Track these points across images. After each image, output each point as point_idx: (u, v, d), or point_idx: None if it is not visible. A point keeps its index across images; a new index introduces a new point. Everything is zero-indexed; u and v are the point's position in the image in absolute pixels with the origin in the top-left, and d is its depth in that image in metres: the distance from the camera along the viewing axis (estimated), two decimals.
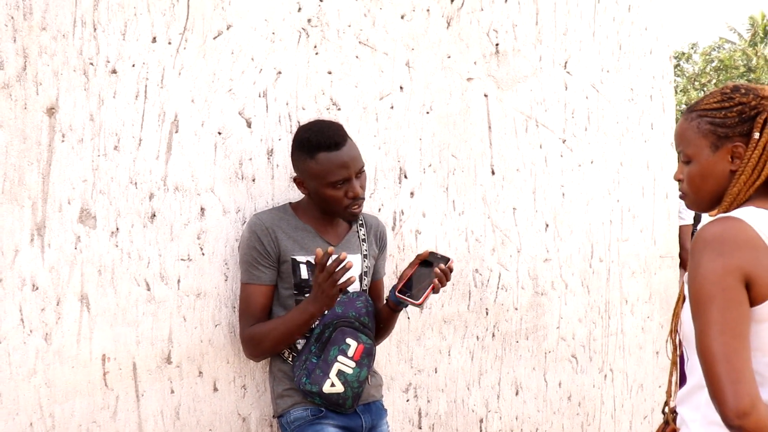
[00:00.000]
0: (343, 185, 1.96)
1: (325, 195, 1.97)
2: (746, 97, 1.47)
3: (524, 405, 2.99)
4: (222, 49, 2.10)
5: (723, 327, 1.28)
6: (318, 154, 1.94)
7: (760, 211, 1.39)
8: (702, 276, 1.32)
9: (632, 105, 3.49)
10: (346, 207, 1.99)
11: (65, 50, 1.83)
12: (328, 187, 1.96)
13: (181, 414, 2.03)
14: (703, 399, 1.43)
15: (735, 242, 1.33)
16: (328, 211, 2.03)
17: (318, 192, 1.98)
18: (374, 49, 2.46)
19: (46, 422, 1.82)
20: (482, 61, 2.80)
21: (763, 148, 1.43)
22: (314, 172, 1.95)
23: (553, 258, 3.09)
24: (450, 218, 2.69)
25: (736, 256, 1.31)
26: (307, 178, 1.99)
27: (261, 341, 1.98)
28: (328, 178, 1.94)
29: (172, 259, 2.01)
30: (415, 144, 2.58)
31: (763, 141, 1.43)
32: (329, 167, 1.94)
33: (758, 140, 1.44)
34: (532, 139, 2.99)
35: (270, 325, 1.99)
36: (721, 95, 1.51)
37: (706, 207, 1.55)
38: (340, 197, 1.97)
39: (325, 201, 1.98)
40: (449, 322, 2.70)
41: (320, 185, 1.96)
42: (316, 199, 2.01)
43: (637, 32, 3.53)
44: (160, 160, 1.99)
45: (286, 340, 1.99)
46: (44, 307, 1.81)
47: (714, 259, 1.32)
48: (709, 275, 1.31)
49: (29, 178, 1.78)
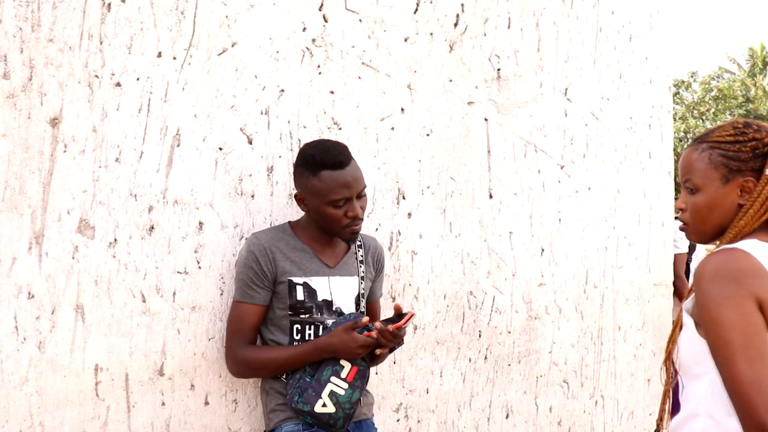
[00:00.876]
0: (343, 205, 1.98)
1: (325, 213, 1.98)
2: (759, 134, 1.52)
3: (514, 429, 2.98)
4: (226, 65, 2.12)
5: (750, 353, 1.30)
6: (321, 171, 1.96)
7: (762, 244, 1.44)
8: (717, 304, 1.34)
9: (631, 133, 3.52)
10: (345, 226, 2.00)
11: (71, 62, 1.85)
12: (328, 205, 1.97)
13: (171, 427, 2.04)
14: (698, 427, 1.45)
15: (743, 270, 1.37)
16: (327, 230, 2.04)
17: (318, 210, 1.99)
18: (377, 70, 2.48)
19: (36, 431, 1.82)
20: (483, 86, 2.83)
21: None
22: (316, 190, 1.97)
23: (548, 283, 3.10)
24: (446, 240, 2.71)
25: (748, 283, 1.35)
26: (308, 195, 2.00)
27: (259, 368, 2.00)
28: (329, 197, 1.96)
29: (169, 271, 2.02)
30: (415, 165, 2.60)
31: None
32: (331, 186, 1.95)
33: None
34: (530, 164, 3.02)
35: (271, 353, 2.00)
36: (734, 129, 1.55)
37: (708, 238, 1.58)
38: (340, 216, 1.98)
39: (324, 219, 2.00)
40: (442, 344, 2.70)
41: (321, 203, 1.97)
42: (315, 216, 2.02)
43: (637, 62, 3.56)
44: (161, 173, 2.01)
45: (285, 371, 2.01)
46: (39, 315, 1.82)
47: (727, 286, 1.35)
48: (724, 302, 1.34)
49: (30, 187, 1.80)
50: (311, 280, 2.03)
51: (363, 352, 1.93)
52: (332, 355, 1.96)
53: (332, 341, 1.94)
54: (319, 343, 1.96)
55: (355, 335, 1.92)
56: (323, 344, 1.95)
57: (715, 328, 1.35)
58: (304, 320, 2.02)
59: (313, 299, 2.02)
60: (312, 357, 1.97)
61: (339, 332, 1.93)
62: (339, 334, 1.93)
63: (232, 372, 2.04)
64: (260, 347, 2.02)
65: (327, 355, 1.96)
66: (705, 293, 1.38)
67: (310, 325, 2.02)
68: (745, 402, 1.30)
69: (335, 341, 1.94)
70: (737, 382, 1.31)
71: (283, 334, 2.03)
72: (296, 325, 2.02)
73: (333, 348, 1.95)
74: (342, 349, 1.93)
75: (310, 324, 2.02)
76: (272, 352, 2.00)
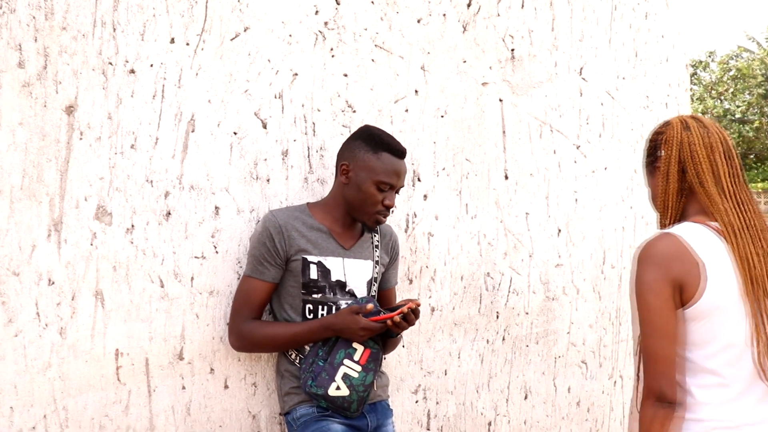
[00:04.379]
0: (386, 191, 2.05)
1: (367, 191, 2.03)
2: (662, 128, 1.75)
3: (533, 409, 2.99)
4: (239, 50, 2.12)
5: (662, 332, 1.54)
6: (383, 152, 2.04)
7: (697, 226, 1.60)
8: (642, 286, 1.56)
9: (647, 112, 3.49)
10: (376, 212, 2.06)
11: (85, 50, 1.86)
12: (374, 185, 2.03)
13: (192, 410, 2.06)
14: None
15: (666, 255, 1.55)
16: (355, 209, 2.06)
17: (362, 185, 2.03)
18: (390, 52, 2.47)
19: (60, 415, 1.85)
20: (497, 66, 2.81)
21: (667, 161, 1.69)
22: (370, 166, 2.03)
23: (565, 263, 3.09)
24: (463, 222, 2.70)
25: (669, 267, 1.54)
26: (358, 168, 2.04)
27: (262, 343, 2.01)
28: (380, 177, 2.02)
29: (186, 256, 2.03)
30: (429, 147, 2.59)
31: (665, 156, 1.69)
32: (387, 168, 2.03)
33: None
34: (546, 145, 3.00)
35: (276, 329, 2.01)
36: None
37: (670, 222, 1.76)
38: (377, 200, 2.04)
39: (361, 196, 2.04)
40: (460, 325, 2.71)
41: (368, 179, 2.03)
42: (352, 192, 2.05)
43: (653, 40, 3.53)
44: (176, 159, 2.02)
45: (289, 347, 2.03)
46: (60, 301, 1.84)
47: (652, 270, 1.55)
48: (648, 285, 1.55)
49: (47, 175, 1.81)
50: (326, 259, 2.04)
51: (365, 334, 1.95)
52: (336, 334, 1.98)
53: (336, 321, 1.96)
54: (324, 322, 1.98)
55: (359, 318, 1.93)
56: (328, 323, 1.98)
57: (640, 307, 1.57)
58: (317, 300, 2.03)
59: (326, 279, 2.03)
60: (316, 335, 1.99)
61: (344, 313, 1.95)
62: (344, 315, 1.95)
63: (233, 345, 2.06)
64: (265, 322, 2.03)
65: (331, 333, 1.98)
66: (635, 275, 1.58)
67: (322, 305, 2.03)
68: (652, 369, 1.54)
69: (339, 321, 1.96)
70: (650, 353, 1.55)
71: (295, 313, 2.04)
72: (309, 304, 2.03)
73: (336, 328, 1.96)
74: (344, 329, 1.95)
75: (323, 304, 2.03)
76: (277, 328, 2.01)
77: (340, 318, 1.95)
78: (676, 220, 1.68)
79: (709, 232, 1.59)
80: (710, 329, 1.55)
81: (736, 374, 1.56)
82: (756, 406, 1.57)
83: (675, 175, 1.67)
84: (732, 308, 1.55)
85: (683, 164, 1.66)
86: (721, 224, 1.58)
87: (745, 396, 1.56)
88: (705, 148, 1.64)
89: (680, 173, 1.67)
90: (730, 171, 1.64)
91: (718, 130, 1.68)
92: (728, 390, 1.56)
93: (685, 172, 1.66)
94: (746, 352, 1.56)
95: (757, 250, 1.56)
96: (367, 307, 1.93)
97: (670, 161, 1.67)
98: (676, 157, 1.67)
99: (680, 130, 1.67)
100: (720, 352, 1.56)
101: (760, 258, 1.55)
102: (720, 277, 1.54)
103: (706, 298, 1.53)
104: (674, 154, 1.67)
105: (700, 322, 1.55)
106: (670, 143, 1.68)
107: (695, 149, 1.64)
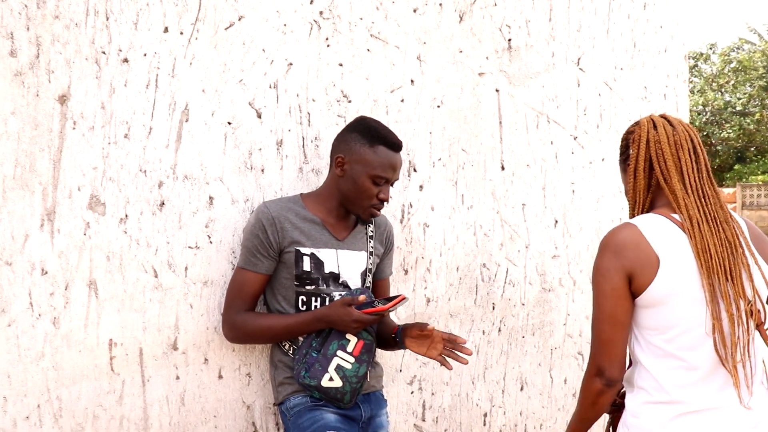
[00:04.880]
0: (381, 184, 2.04)
1: (362, 185, 2.02)
2: (633, 127, 1.83)
3: (529, 401, 2.99)
4: (233, 40, 2.11)
5: (612, 318, 1.62)
6: (379, 145, 2.03)
7: (658, 218, 1.67)
8: (599, 272, 1.65)
9: (645, 103, 3.48)
10: (371, 205, 2.05)
11: (78, 39, 1.85)
12: (369, 178, 2.02)
13: (186, 400, 2.06)
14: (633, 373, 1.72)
15: (623, 244, 1.63)
16: (350, 202, 2.05)
17: (357, 179, 2.02)
18: (386, 42, 2.46)
19: (53, 405, 1.85)
20: (494, 57, 2.80)
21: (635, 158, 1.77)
22: (366, 159, 2.01)
23: (562, 255, 3.09)
24: (459, 212, 2.70)
25: (624, 256, 1.62)
26: (354, 161, 2.03)
27: (255, 334, 2.01)
28: (375, 171, 2.01)
29: (180, 246, 2.03)
30: (425, 138, 2.58)
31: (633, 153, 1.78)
32: (383, 161, 2.02)
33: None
34: (543, 136, 2.99)
35: (269, 321, 2.01)
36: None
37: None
38: (373, 194, 2.03)
39: (356, 190, 2.02)
40: (455, 316, 2.71)
41: (363, 173, 2.01)
42: (347, 184, 2.04)
43: (651, 30, 3.51)
44: (170, 149, 2.01)
45: (282, 339, 2.04)
46: (53, 291, 1.84)
47: (608, 258, 1.63)
48: (603, 272, 1.63)
49: (40, 164, 1.81)
50: (319, 251, 2.03)
51: (358, 326, 1.94)
52: (329, 326, 1.98)
53: (329, 313, 1.96)
54: (317, 314, 1.98)
55: (351, 310, 1.93)
56: (321, 315, 1.97)
57: (594, 291, 1.66)
58: (310, 291, 2.03)
59: (319, 271, 2.03)
60: (309, 326, 1.99)
61: (337, 305, 1.95)
62: (336, 307, 1.95)
63: (227, 337, 2.05)
64: (258, 314, 2.03)
65: (324, 325, 1.98)
66: (595, 261, 1.68)
67: (316, 297, 2.03)
68: (595, 349, 1.64)
69: (332, 313, 1.95)
70: (595, 335, 1.65)
71: (288, 304, 2.04)
72: (302, 296, 2.03)
73: (329, 319, 1.96)
74: (337, 321, 1.95)
75: (316, 296, 2.03)
76: (270, 320, 2.01)
77: (332, 310, 1.95)
78: (644, 212, 1.77)
79: (669, 223, 1.66)
80: (666, 315, 1.62)
81: (699, 358, 1.62)
82: (720, 391, 1.63)
83: (642, 172, 1.76)
84: (688, 295, 1.61)
85: (650, 161, 1.75)
86: (683, 216, 1.66)
87: (710, 381, 1.62)
88: (671, 146, 1.73)
89: (648, 170, 1.76)
90: (696, 167, 1.72)
91: (686, 128, 1.76)
92: (692, 374, 1.62)
93: (652, 169, 1.75)
94: (709, 338, 1.62)
95: (715, 241, 1.63)
96: (359, 299, 1.93)
97: (638, 158, 1.77)
98: (644, 155, 1.76)
99: (648, 129, 1.77)
100: (678, 336, 1.63)
101: (717, 248, 1.62)
102: (675, 265, 1.61)
103: (657, 285, 1.60)
104: (642, 152, 1.76)
105: (654, 309, 1.62)
106: (638, 141, 1.78)
107: (661, 147, 1.73)
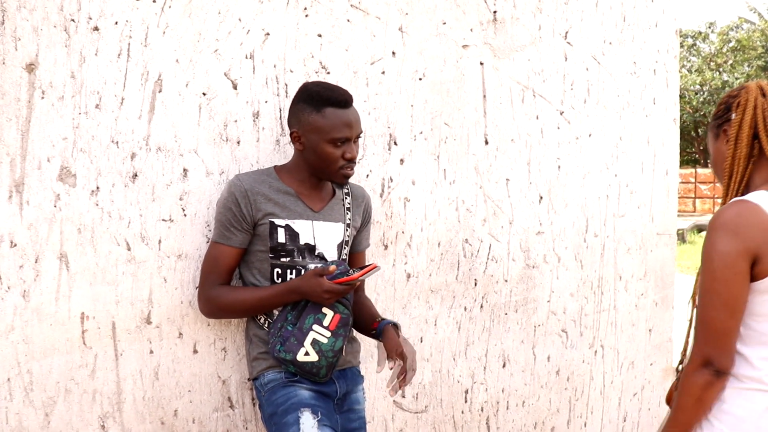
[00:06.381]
0: (342, 145, 1.97)
1: (323, 152, 1.96)
2: (733, 92, 1.73)
3: (511, 377, 2.98)
4: (208, 8, 2.07)
5: (728, 305, 1.50)
6: (326, 108, 1.95)
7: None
8: (715, 255, 1.51)
9: (634, 78, 3.44)
10: (340, 167, 1.98)
11: (45, 5, 1.80)
12: (328, 143, 1.95)
13: (160, 375, 2.04)
14: None
15: (746, 224, 1.49)
16: (319, 171, 2.00)
17: (316, 148, 1.96)
18: (366, 12, 2.42)
19: (24, 378, 1.83)
20: (479, 29, 2.75)
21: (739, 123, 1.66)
22: (318, 126, 1.95)
23: (546, 231, 3.07)
24: (441, 187, 2.67)
25: (747, 238, 1.49)
26: (307, 132, 1.97)
27: (230, 308, 1.98)
28: (331, 134, 1.94)
29: (154, 219, 2.00)
30: (407, 111, 2.55)
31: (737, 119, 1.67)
32: (335, 123, 1.94)
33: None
34: (528, 110, 2.95)
35: (242, 294, 1.98)
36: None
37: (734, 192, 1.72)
38: (337, 156, 1.97)
39: (320, 158, 1.97)
40: (436, 292, 2.68)
41: (321, 140, 1.95)
42: (310, 156, 1.99)
43: (642, 4, 3.46)
44: (143, 119, 1.97)
45: (257, 312, 2.01)
46: (23, 264, 1.81)
47: (728, 240, 1.50)
48: (721, 255, 1.50)
49: (7, 134, 1.77)
50: (294, 222, 2.00)
51: (330, 296, 1.91)
52: (301, 297, 1.95)
53: (301, 284, 1.93)
54: (290, 285, 1.95)
55: (322, 281, 1.90)
56: (293, 286, 1.94)
57: (705, 274, 1.53)
58: (285, 264, 2.00)
59: (294, 242, 2.00)
60: (282, 298, 1.96)
61: (308, 276, 1.92)
62: (308, 277, 1.92)
63: (203, 312, 2.03)
64: (232, 287, 2.00)
65: (297, 297, 1.95)
66: (708, 243, 1.53)
67: (291, 269, 2.00)
68: (704, 337, 1.53)
69: (303, 284, 1.93)
70: (706, 321, 1.53)
71: (263, 277, 2.01)
72: (277, 268, 2.00)
73: (301, 290, 1.93)
74: (310, 292, 1.92)
75: (291, 268, 2.00)
76: (244, 293, 1.98)
77: (304, 281, 1.92)
78: (742, 186, 1.65)
79: None
80: None
81: None
82: None
83: (745, 139, 1.64)
84: None
85: (756, 129, 1.63)
86: None
87: None
88: None
89: (750, 138, 1.63)
90: None
91: None
92: None
93: (756, 138, 1.63)
94: None
95: None
96: (329, 269, 1.90)
97: (742, 124, 1.64)
98: (750, 122, 1.64)
99: (756, 96, 1.65)
100: None
101: None
102: None
103: None
104: (748, 117, 1.64)
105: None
106: (744, 106, 1.65)
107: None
